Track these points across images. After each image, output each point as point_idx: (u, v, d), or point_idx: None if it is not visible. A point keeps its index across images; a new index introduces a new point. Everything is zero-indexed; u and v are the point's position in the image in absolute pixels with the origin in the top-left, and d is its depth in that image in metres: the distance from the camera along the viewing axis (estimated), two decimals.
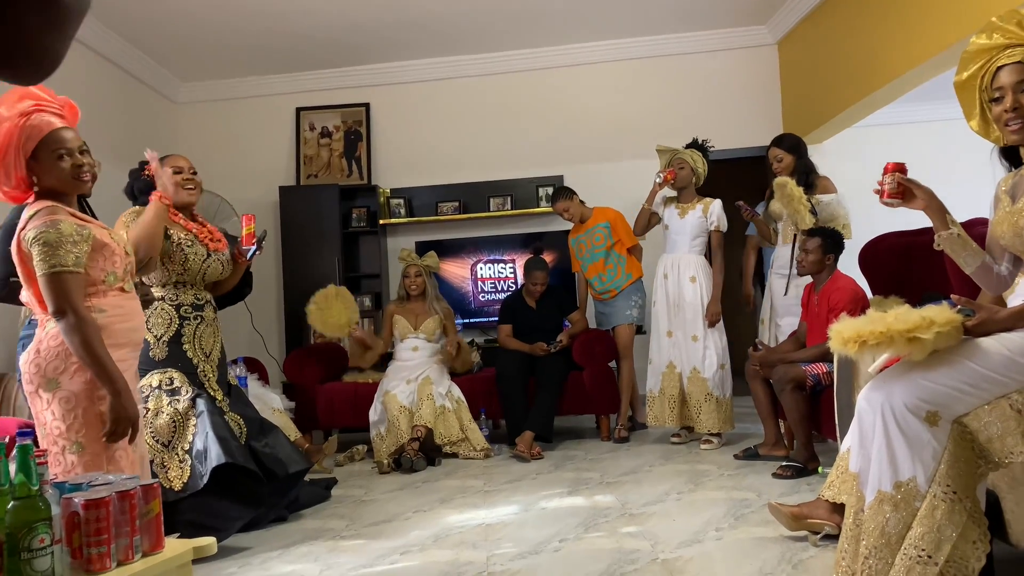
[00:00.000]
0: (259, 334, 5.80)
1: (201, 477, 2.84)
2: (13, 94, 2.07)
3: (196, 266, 3.07)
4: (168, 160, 3.13)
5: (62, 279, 2.02)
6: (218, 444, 2.87)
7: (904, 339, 1.78)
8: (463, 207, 6.19)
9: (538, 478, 3.86)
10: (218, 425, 2.93)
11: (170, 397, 2.96)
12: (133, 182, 3.23)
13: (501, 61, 6.29)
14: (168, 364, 3.03)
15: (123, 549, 1.54)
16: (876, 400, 1.88)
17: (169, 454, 2.90)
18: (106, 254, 2.15)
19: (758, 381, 3.88)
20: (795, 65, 5.90)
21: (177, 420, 2.93)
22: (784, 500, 2.93)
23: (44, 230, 2.02)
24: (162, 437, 2.93)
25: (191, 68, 6.14)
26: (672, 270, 4.49)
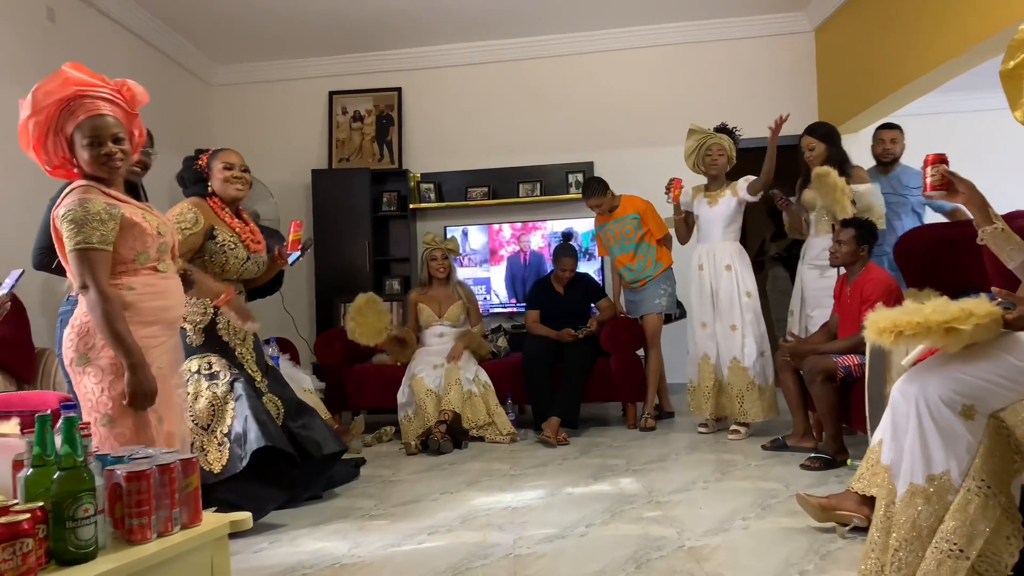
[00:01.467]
0: (290, 315, 5.87)
1: (240, 460, 2.87)
2: (56, 79, 2.10)
3: (235, 269, 3.11)
4: (220, 155, 3.17)
5: (86, 255, 2.06)
6: (257, 427, 2.90)
7: (941, 330, 1.76)
8: (492, 192, 6.19)
9: (564, 463, 3.88)
10: (257, 408, 2.97)
11: (208, 381, 3.00)
12: (184, 171, 3.26)
13: (533, 46, 6.27)
14: (206, 349, 3.07)
15: (163, 521, 1.58)
16: (911, 392, 1.86)
17: (208, 437, 2.94)
18: (136, 234, 2.16)
19: (788, 372, 3.85)
20: (832, 53, 5.81)
21: (216, 404, 2.97)
22: (812, 491, 2.91)
23: (72, 208, 2.06)
24: (201, 421, 2.97)
25: (227, 51, 6.20)
26: (707, 260, 4.44)
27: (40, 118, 2.11)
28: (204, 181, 3.17)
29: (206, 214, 3.05)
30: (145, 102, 2.27)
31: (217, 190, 3.15)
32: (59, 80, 2.10)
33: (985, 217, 2.07)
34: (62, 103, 2.10)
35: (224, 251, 3.06)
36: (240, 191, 3.17)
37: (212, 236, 3.04)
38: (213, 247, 3.04)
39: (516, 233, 6.14)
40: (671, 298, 4.87)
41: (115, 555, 1.48)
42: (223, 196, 3.15)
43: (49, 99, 2.09)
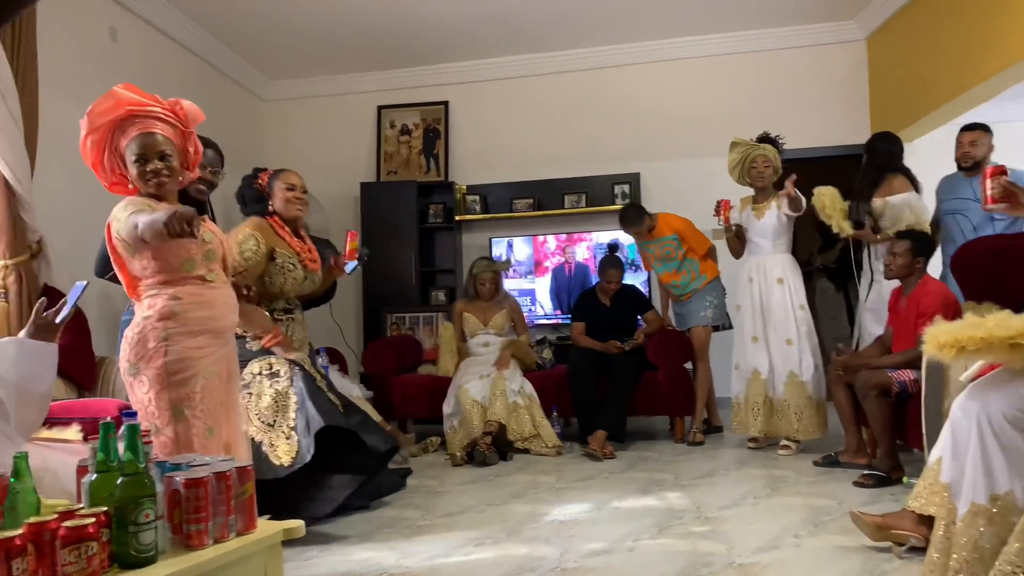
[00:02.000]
0: (338, 325, 5.95)
1: (308, 449, 2.92)
2: (109, 100, 2.18)
3: (293, 289, 3.18)
4: (282, 176, 3.25)
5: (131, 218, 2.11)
6: (318, 412, 2.95)
7: (1006, 346, 1.71)
8: (537, 204, 6.21)
9: (610, 477, 3.86)
10: (316, 395, 3.02)
11: (271, 380, 3.06)
12: (244, 189, 3.33)
13: (578, 58, 6.28)
14: (267, 352, 3.13)
15: (219, 527, 1.61)
16: (972, 409, 1.81)
17: (275, 433, 2.99)
18: (180, 241, 2.21)
19: (841, 386, 3.77)
20: (885, 61, 5.70)
21: (279, 400, 3.03)
22: (866, 509, 2.84)
23: (119, 206, 2.18)
24: (267, 418, 3.02)
25: (279, 67, 6.35)
26: (757, 273, 4.35)
27: (96, 137, 2.20)
28: (264, 200, 3.23)
29: (267, 235, 3.12)
30: (200, 120, 2.33)
31: (279, 210, 3.23)
32: (112, 101, 2.18)
33: None
34: (115, 123, 2.19)
35: (284, 272, 3.13)
36: (301, 211, 3.26)
37: (272, 258, 3.11)
38: (273, 269, 3.11)
39: (561, 244, 6.15)
40: (718, 309, 4.81)
41: (174, 560, 1.52)
42: (284, 216, 3.23)
43: (103, 119, 2.17)
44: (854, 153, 4.53)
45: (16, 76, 3.47)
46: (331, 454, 3.03)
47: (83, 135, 2.20)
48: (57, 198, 3.96)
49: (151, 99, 2.24)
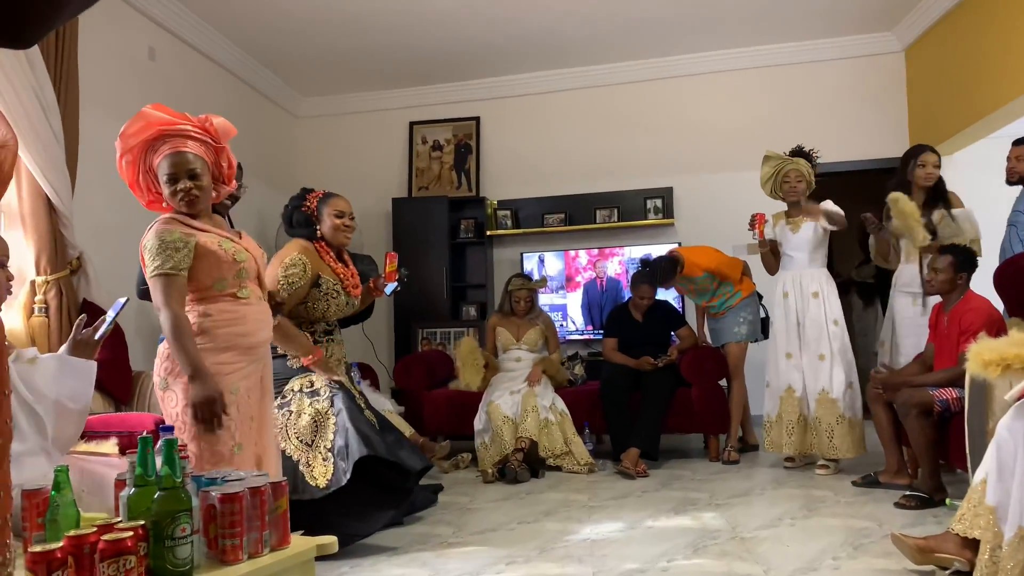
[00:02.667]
0: (369, 341, 6.00)
1: (344, 473, 2.93)
2: (140, 121, 2.23)
3: (336, 314, 3.22)
4: (332, 202, 3.27)
5: (159, 281, 2.20)
6: (359, 439, 2.96)
7: None
8: (569, 218, 6.22)
9: (643, 496, 3.82)
10: (357, 419, 3.03)
11: (310, 398, 3.08)
12: (292, 211, 3.35)
13: (610, 73, 6.30)
14: (307, 370, 3.16)
15: (254, 542, 1.63)
16: (1019, 430, 1.77)
17: (313, 453, 3.01)
18: (212, 261, 2.27)
19: (880, 405, 3.71)
20: (924, 73, 5.63)
21: (318, 419, 3.04)
22: (908, 531, 2.78)
23: (150, 239, 2.22)
24: (305, 437, 3.03)
25: (312, 83, 6.45)
26: (793, 287, 4.29)
27: (130, 157, 2.27)
28: (312, 225, 3.26)
29: (313, 260, 3.15)
30: (232, 135, 2.38)
31: (327, 236, 3.25)
32: (142, 122, 2.24)
33: None
34: (147, 142, 2.25)
35: (327, 298, 3.17)
36: (348, 239, 3.30)
37: (317, 284, 3.15)
38: (317, 294, 3.15)
39: (592, 259, 6.14)
40: (751, 326, 4.76)
41: (209, 574, 1.54)
42: (332, 242, 3.26)
43: (135, 139, 2.24)
44: (891, 167, 4.45)
45: (58, 94, 3.57)
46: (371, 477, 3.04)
47: (118, 156, 2.27)
48: (97, 215, 4.06)
49: (181, 117, 2.29)
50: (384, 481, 3.12)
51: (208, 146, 2.33)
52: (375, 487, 3.10)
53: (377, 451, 2.98)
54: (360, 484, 2.99)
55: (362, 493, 3.03)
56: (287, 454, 2.99)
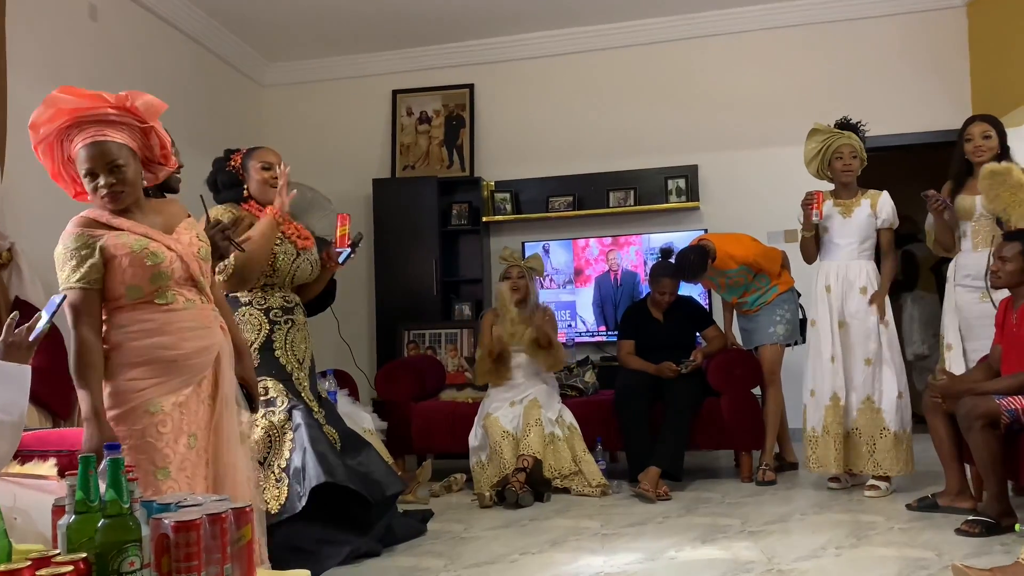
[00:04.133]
0: (347, 344, 5.99)
1: (300, 498, 2.93)
2: (49, 108, 2.21)
3: (286, 266, 3.22)
4: (257, 154, 3.31)
5: (69, 302, 2.23)
6: (317, 462, 2.96)
7: None
8: (578, 202, 6.21)
9: (665, 522, 3.83)
10: (316, 439, 3.03)
11: (265, 408, 3.08)
12: (217, 173, 3.39)
13: (623, 33, 6.28)
14: (261, 372, 3.15)
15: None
16: None
17: (265, 472, 3.01)
18: (117, 266, 2.25)
19: (939, 416, 3.72)
20: (989, 32, 5.62)
21: (273, 434, 3.04)
22: (971, 562, 2.79)
23: (59, 245, 2.25)
24: (257, 454, 3.03)
25: (279, 47, 6.44)
26: (836, 281, 4.30)
27: (45, 147, 2.27)
28: (240, 184, 3.27)
29: (243, 215, 3.18)
30: (161, 111, 2.33)
31: (254, 193, 3.27)
32: (51, 109, 2.21)
33: None
34: (61, 132, 2.23)
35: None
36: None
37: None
38: None
39: (605, 249, 6.13)
40: (789, 325, 4.77)
41: None
42: (261, 200, 3.26)
43: (47, 129, 2.22)
44: (950, 140, 4.45)
45: None
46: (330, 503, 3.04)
47: (33, 147, 2.27)
48: (30, 201, 4.04)
49: (95, 99, 2.24)
50: (342, 511, 3.10)
51: (132, 128, 2.29)
52: (330, 516, 3.09)
53: (337, 478, 2.97)
54: (312, 513, 2.98)
55: (313, 524, 3.03)
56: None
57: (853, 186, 4.39)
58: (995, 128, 4.09)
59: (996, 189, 3.84)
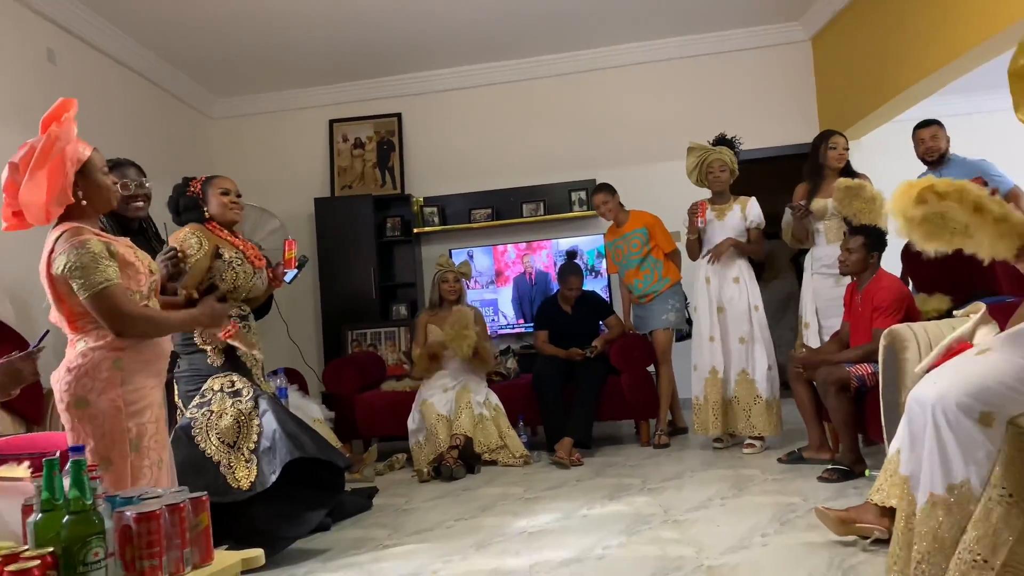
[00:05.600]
0: (296, 345, 5.87)
1: (272, 474, 2.89)
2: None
3: (246, 283, 3.15)
4: (215, 181, 3.25)
5: (109, 294, 2.06)
6: (288, 439, 2.93)
7: (971, 203, 1.67)
8: (496, 214, 6.21)
9: (579, 485, 3.85)
10: (284, 420, 3.00)
11: (232, 398, 3.03)
12: (179, 197, 3.29)
13: (531, 66, 6.31)
14: (227, 369, 3.11)
15: (174, 562, 1.57)
16: (927, 400, 1.84)
17: (235, 454, 2.95)
18: (130, 273, 2.17)
19: (801, 383, 3.82)
20: (830, 61, 5.83)
21: (241, 420, 2.99)
22: (831, 504, 2.87)
23: (77, 254, 2.05)
24: (227, 438, 2.97)
25: (226, 83, 6.26)
26: (714, 273, 4.41)
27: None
28: (200, 208, 3.21)
29: (208, 236, 3.11)
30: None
31: (215, 215, 3.20)
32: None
33: None
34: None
35: (233, 267, 3.11)
36: (238, 216, 3.26)
37: (219, 255, 3.10)
38: (222, 265, 3.09)
39: (521, 253, 6.15)
40: (679, 313, 4.85)
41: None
42: (222, 221, 3.21)
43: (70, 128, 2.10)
44: (803, 152, 4.60)
45: None
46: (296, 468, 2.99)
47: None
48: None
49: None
50: (314, 479, 3.08)
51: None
52: (305, 486, 3.06)
53: (307, 451, 2.95)
54: (290, 484, 2.95)
55: (292, 494, 2.99)
56: (207, 455, 2.93)
57: (726, 193, 4.49)
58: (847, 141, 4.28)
59: (850, 199, 3.98)
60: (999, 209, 1.67)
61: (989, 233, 1.68)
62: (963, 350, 2.13)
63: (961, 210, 1.69)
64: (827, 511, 2.58)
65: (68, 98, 2.13)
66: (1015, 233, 1.69)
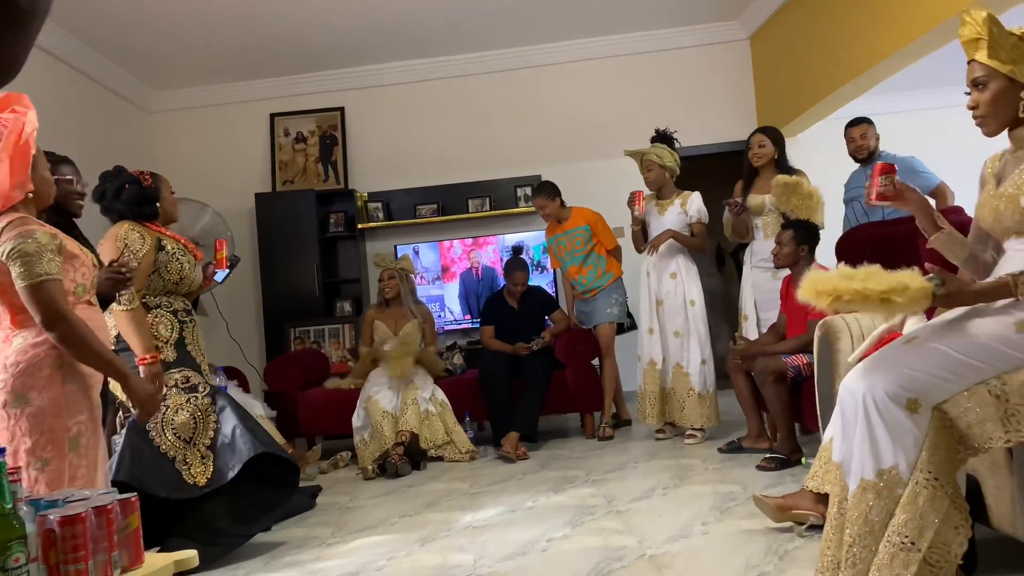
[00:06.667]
0: (236, 343, 5.74)
1: (231, 470, 2.85)
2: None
3: (190, 276, 3.09)
4: (164, 179, 3.20)
5: (48, 288, 1.98)
6: (248, 436, 2.89)
7: (878, 299, 1.76)
8: (441, 209, 6.17)
9: (524, 478, 3.85)
10: (244, 416, 2.98)
11: (188, 394, 2.96)
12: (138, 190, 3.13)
13: (476, 62, 6.28)
14: (180, 364, 3.03)
15: (101, 566, 1.51)
16: (857, 389, 1.88)
17: (191, 450, 2.89)
18: (76, 265, 2.11)
19: (740, 374, 3.89)
20: (768, 59, 5.94)
21: (198, 416, 2.93)
22: (769, 492, 2.94)
23: (22, 241, 1.97)
24: (183, 433, 2.90)
25: (163, 76, 6.08)
26: (654, 267, 4.48)
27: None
28: (155, 202, 3.12)
29: (147, 231, 3.03)
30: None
31: (168, 211, 3.18)
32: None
33: (931, 223, 2.12)
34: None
35: (177, 258, 3.05)
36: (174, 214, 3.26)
37: (161, 247, 3.02)
38: (165, 257, 3.02)
39: (467, 249, 6.12)
40: (622, 308, 4.89)
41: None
42: (172, 218, 3.21)
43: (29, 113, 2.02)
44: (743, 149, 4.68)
45: None
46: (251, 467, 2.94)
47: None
48: None
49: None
50: (268, 477, 3.04)
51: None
52: (260, 484, 3.01)
53: (270, 447, 2.93)
54: (245, 483, 2.91)
55: (248, 492, 2.95)
56: (162, 450, 2.86)
57: (668, 188, 4.54)
58: (769, 137, 4.30)
59: (787, 196, 4.06)
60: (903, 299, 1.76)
61: (902, 308, 1.80)
62: (893, 339, 2.18)
63: (870, 305, 1.79)
64: (765, 499, 2.63)
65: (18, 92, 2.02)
66: (923, 298, 1.78)
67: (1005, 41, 1.86)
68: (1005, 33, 1.87)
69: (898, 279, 1.78)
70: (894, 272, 1.82)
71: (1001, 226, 1.97)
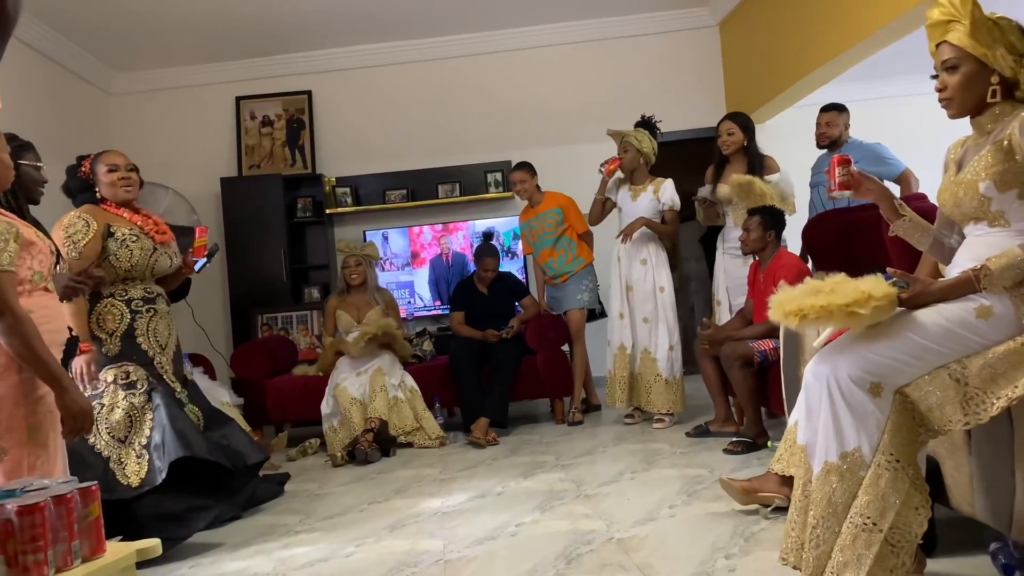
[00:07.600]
0: (202, 329, 5.66)
1: (160, 472, 2.78)
2: None
3: (144, 261, 3.00)
4: (103, 157, 3.07)
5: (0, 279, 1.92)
6: (176, 437, 2.81)
7: (843, 313, 1.81)
8: (411, 194, 6.12)
9: (494, 464, 3.86)
10: (176, 417, 2.88)
11: (126, 391, 2.90)
12: (70, 180, 3.12)
13: (446, 46, 6.23)
14: (122, 358, 2.95)
15: (61, 555, 1.48)
16: (822, 373, 1.91)
17: (126, 449, 2.83)
18: (33, 252, 2.05)
19: (707, 359, 3.93)
20: (736, 46, 5.97)
21: (133, 415, 2.86)
22: (735, 475, 2.98)
23: None
24: (118, 432, 2.85)
25: (125, 57, 5.94)
26: (625, 254, 4.50)
27: None
28: (92, 188, 3.04)
29: (97, 215, 2.95)
30: None
31: (106, 195, 3.04)
32: None
33: (893, 211, 2.15)
34: None
35: (127, 244, 2.96)
36: (129, 192, 3.06)
37: (111, 234, 2.94)
38: (114, 245, 2.94)
39: (437, 235, 6.09)
40: (593, 294, 4.91)
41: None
42: (113, 200, 3.04)
43: None
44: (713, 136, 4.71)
45: None
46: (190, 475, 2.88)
47: None
48: None
49: None
50: (207, 479, 2.97)
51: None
52: (196, 486, 2.94)
53: (195, 451, 2.83)
54: (178, 484, 2.83)
55: (180, 494, 2.87)
56: (97, 450, 2.80)
57: (641, 174, 4.55)
58: (738, 124, 4.33)
59: (744, 193, 4.11)
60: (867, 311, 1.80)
61: (869, 319, 1.83)
62: None
63: (836, 319, 1.84)
64: (731, 482, 2.67)
65: None
66: (889, 305, 1.83)
67: (983, 24, 1.89)
68: (984, 17, 1.89)
69: (862, 289, 1.82)
70: (859, 280, 1.86)
71: (960, 211, 2.01)
